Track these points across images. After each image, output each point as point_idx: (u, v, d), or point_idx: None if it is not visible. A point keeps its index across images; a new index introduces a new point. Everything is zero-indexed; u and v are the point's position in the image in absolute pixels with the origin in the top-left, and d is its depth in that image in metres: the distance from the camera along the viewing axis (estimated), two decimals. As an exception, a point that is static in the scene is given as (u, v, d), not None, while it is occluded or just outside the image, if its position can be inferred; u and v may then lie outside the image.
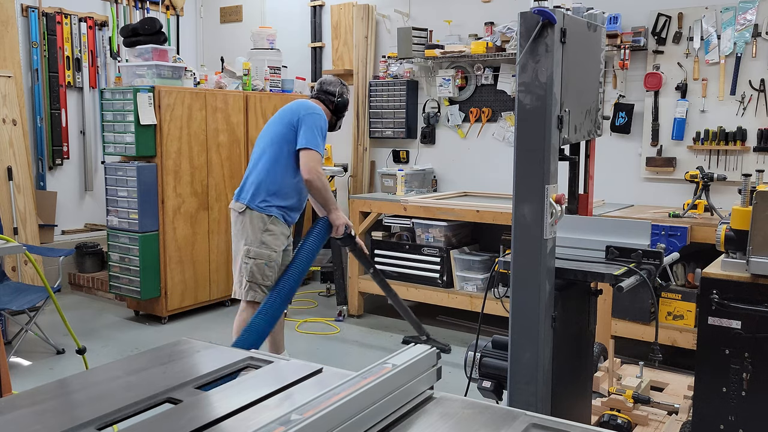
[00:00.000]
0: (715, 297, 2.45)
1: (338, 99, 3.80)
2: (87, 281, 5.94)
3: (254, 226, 3.60)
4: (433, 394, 1.40)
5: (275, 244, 3.62)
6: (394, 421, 1.27)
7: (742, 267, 2.45)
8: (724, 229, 2.57)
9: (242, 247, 3.62)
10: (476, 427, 1.26)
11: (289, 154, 3.57)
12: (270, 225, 3.61)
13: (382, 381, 1.25)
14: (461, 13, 5.46)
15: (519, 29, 2.16)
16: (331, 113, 3.82)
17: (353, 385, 1.22)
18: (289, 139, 3.57)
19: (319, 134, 3.55)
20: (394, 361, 1.35)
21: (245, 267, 3.62)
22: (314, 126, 3.54)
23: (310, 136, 3.51)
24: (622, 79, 4.74)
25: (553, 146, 2.17)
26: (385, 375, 1.27)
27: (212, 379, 1.44)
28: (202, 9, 7.19)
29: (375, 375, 1.28)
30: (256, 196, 3.60)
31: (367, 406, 1.20)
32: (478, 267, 4.88)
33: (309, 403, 1.14)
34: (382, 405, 1.24)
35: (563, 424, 1.24)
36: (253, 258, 3.60)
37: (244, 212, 3.62)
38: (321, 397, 1.17)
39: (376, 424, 1.22)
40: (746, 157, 4.36)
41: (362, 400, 1.19)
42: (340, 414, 1.13)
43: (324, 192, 3.54)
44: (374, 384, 1.23)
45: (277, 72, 5.98)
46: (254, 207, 3.59)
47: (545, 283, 2.19)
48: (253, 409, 1.28)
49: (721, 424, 2.44)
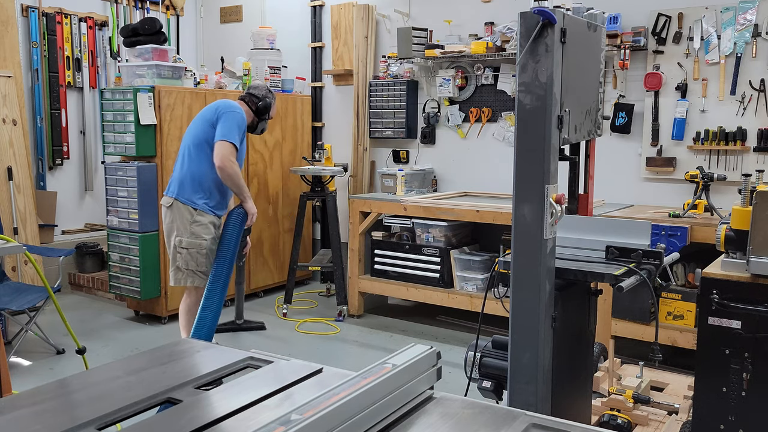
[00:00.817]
0: (715, 297, 2.45)
1: (260, 102, 4.09)
2: (87, 281, 5.94)
3: (183, 218, 3.87)
4: (434, 394, 1.40)
5: (204, 233, 3.90)
6: (394, 421, 1.27)
7: (742, 267, 2.45)
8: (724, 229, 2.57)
9: (174, 239, 3.88)
10: (476, 427, 1.26)
11: (210, 150, 3.83)
12: (197, 216, 3.89)
13: (382, 381, 1.25)
14: (461, 13, 5.46)
15: (519, 29, 2.16)
16: (254, 114, 4.12)
17: (353, 385, 1.22)
18: (209, 136, 3.84)
19: (236, 129, 3.82)
20: (394, 361, 1.35)
21: (180, 257, 3.88)
22: (232, 121, 3.81)
23: (225, 130, 3.79)
24: (622, 79, 4.74)
25: (553, 146, 2.17)
26: (385, 375, 1.28)
27: (212, 379, 1.44)
28: (202, 9, 7.19)
29: (375, 375, 1.28)
30: (182, 190, 3.88)
31: (367, 406, 1.20)
32: (478, 267, 4.88)
33: (309, 403, 1.14)
34: (382, 405, 1.24)
35: (563, 424, 1.24)
36: (185, 248, 3.87)
37: (171, 206, 3.89)
38: (321, 397, 1.17)
39: (376, 424, 1.22)
40: (746, 157, 4.36)
41: (362, 400, 1.19)
42: (340, 414, 1.13)
43: (236, 179, 3.84)
44: (374, 384, 1.23)
45: (277, 72, 5.98)
46: (181, 200, 3.87)
47: (545, 283, 2.19)
48: (253, 409, 1.28)
49: (721, 424, 2.44)
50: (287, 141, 6.04)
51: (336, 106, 6.31)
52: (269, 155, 5.86)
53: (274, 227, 5.97)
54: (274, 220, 5.96)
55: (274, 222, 5.97)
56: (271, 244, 5.95)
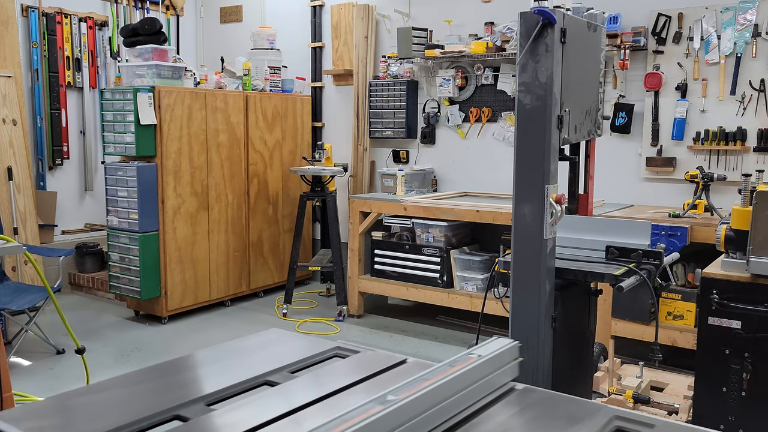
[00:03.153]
0: (715, 297, 2.45)
1: None
2: (87, 281, 5.94)
3: None
4: (516, 385, 1.44)
5: None
6: (478, 410, 1.31)
7: (742, 267, 2.45)
8: (724, 229, 2.57)
9: None
10: (557, 418, 1.28)
11: None
12: None
13: (468, 370, 1.30)
14: (461, 13, 5.45)
15: (519, 29, 2.16)
16: None
17: (441, 373, 1.27)
18: None
19: None
20: (479, 352, 1.40)
21: None
22: None
23: None
24: (622, 79, 4.74)
25: (553, 146, 2.17)
26: (472, 365, 1.32)
27: (304, 366, 1.52)
28: (202, 9, 7.19)
29: (462, 364, 1.32)
30: None
31: (455, 392, 1.25)
32: (478, 267, 4.88)
33: (403, 385, 1.20)
34: (469, 393, 1.29)
35: (645, 417, 1.27)
36: None
37: None
38: (413, 382, 1.22)
39: (462, 411, 1.28)
40: (746, 157, 4.36)
41: (451, 386, 1.24)
42: (431, 398, 1.18)
43: None
44: (462, 372, 1.28)
45: (277, 72, 5.98)
46: None
47: (545, 283, 2.19)
48: (348, 391, 1.36)
49: (721, 424, 2.44)
50: (287, 141, 6.04)
51: (336, 106, 6.31)
52: (269, 155, 5.86)
53: (274, 227, 5.97)
54: (274, 220, 5.96)
55: (274, 222, 5.97)
56: (271, 244, 5.95)
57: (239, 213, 5.62)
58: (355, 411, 1.08)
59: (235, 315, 5.39)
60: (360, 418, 1.04)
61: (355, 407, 1.10)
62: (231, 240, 5.56)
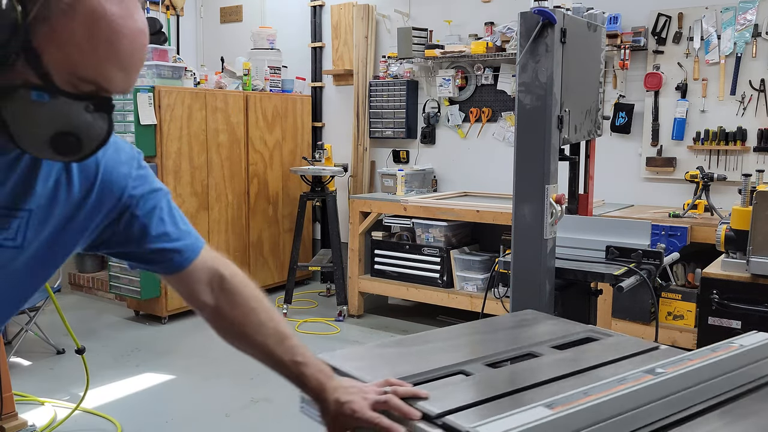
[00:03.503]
0: (715, 297, 2.45)
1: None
2: (87, 281, 5.94)
3: None
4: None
5: None
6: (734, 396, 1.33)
7: (742, 267, 2.45)
8: (724, 229, 2.57)
9: None
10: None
11: None
12: None
13: (730, 357, 1.33)
14: (461, 13, 5.45)
15: (519, 29, 2.16)
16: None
17: (702, 356, 1.32)
18: None
19: None
20: (741, 342, 1.42)
21: None
22: None
23: None
24: (622, 79, 4.74)
25: (553, 146, 2.18)
26: (733, 353, 1.35)
27: (561, 344, 1.60)
28: (202, 9, 7.19)
29: (722, 351, 1.36)
30: None
31: (716, 375, 1.29)
32: (478, 267, 4.88)
33: (669, 362, 1.27)
34: (729, 378, 1.32)
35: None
36: None
37: None
38: (677, 360, 1.29)
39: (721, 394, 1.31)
40: (746, 157, 4.36)
41: (714, 369, 1.29)
42: (694, 377, 1.24)
43: None
44: (722, 358, 1.32)
45: (277, 72, 5.98)
46: None
47: (545, 283, 2.19)
48: (609, 366, 1.42)
49: (721, 424, 2.44)
50: (287, 141, 6.04)
51: (336, 106, 6.31)
52: (269, 155, 5.86)
53: (274, 227, 5.97)
54: (274, 220, 5.96)
55: (274, 222, 5.97)
56: (271, 244, 5.95)
57: (239, 213, 5.62)
58: (629, 376, 1.20)
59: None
60: (635, 382, 1.16)
61: (628, 373, 1.21)
62: (231, 240, 5.56)
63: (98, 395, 3.72)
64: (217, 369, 4.17)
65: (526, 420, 1.04)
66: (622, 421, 1.13)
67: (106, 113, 0.93)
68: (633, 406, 1.14)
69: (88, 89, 0.90)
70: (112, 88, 0.92)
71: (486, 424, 1.05)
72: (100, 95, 0.92)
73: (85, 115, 0.91)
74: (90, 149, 0.94)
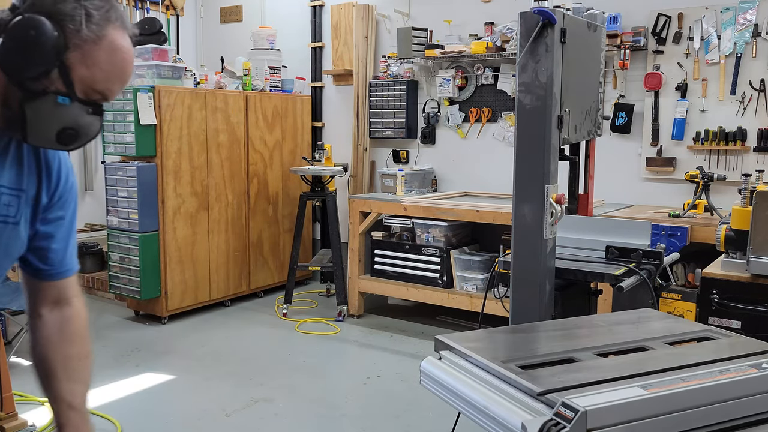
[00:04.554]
0: (715, 297, 2.45)
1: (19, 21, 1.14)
2: (87, 281, 5.93)
3: None
4: None
5: None
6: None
7: (742, 267, 2.45)
8: (724, 229, 2.57)
9: None
10: None
11: None
12: None
13: None
14: (461, 13, 5.45)
15: (519, 29, 2.16)
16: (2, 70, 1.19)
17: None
18: None
19: None
20: None
21: None
22: None
23: None
24: (622, 79, 4.74)
25: (553, 146, 2.18)
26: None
27: (677, 341, 1.64)
28: (202, 9, 7.19)
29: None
30: None
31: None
32: (478, 267, 4.88)
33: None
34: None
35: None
36: None
37: None
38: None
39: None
40: (746, 157, 4.36)
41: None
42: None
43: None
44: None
45: (277, 72, 5.98)
46: None
47: (545, 283, 2.19)
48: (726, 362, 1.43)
49: (721, 424, 2.44)
50: (287, 141, 6.04)
51: (336, 106, 6.31)
52: (269, 155, 5.86)
53: (274, 227, 5.97)
54: (274, 220, 5.96)
55: (274, 222, 5.97)
56: (271, 244, 5.95)
57: (239, 213, 5.62)
58: (732, 368, 1.27)
59: (235, 315, 5.39)
60: (737, 374, 1.23)
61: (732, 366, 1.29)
62: (231, 240, 5.56)
63: (98, 395, 3.72)
64: (217, 369, 4.17)
65: (619, 397, 1.12)
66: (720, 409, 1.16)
67: (100, 116, 1.24)
68: (732, 396, 1.18)
69: (95, 98, 1.21)
70: (111, 98, 1.24)
71: (580, 397, 1.14)
72: (99, 102, 1.23)
73: (87, 116, 1.21)
74: (84, 142, 1.24)
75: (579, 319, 1.92)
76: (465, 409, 1.39)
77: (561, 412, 1.14)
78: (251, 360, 4.35)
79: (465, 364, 1.50)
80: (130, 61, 1.24)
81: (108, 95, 1.23)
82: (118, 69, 1.21)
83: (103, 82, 1.20)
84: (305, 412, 3.63)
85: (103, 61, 1.18)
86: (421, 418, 3.53)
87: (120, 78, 1.23)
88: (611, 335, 1.72)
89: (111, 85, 1.22)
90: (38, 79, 1.15)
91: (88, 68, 1.17)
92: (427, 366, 1.56)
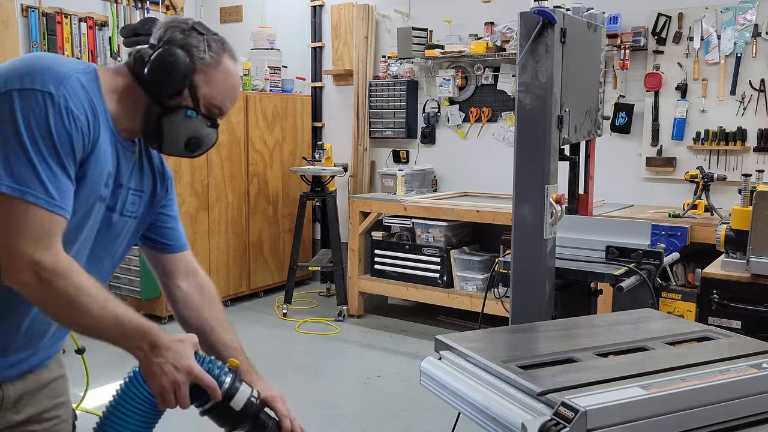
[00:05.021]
0: (715, 297, 2.45)
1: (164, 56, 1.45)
2: (87, 281, 5.93)
3: None
4: None
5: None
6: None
7: (742, 267, 2.45)
8: (724, 229, 2.57)
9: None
10: None
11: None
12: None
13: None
14: (461, 13, 5.45)
15: (519, 29, 2.17)
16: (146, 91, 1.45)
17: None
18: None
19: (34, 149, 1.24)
20: None
21: None
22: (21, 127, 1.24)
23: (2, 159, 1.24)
24: (622, 79, 4.74)
25: (553, 146, 2.18)
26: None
27: (676, 341, 1.64)
28: (202, 9, 7.19)
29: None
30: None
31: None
32: (478, 267, 4.88)
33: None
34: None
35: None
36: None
37: None
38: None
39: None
40: (746, 157, 4.36)
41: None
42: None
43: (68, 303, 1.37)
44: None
45: (277, 72, 5.98)
46: None
47: (545, 283, 2.19)
48: (725, 362, 1.43)
49: (721, 424, 2.44)
50: (287, 141, 6.04)
51: (336, 106, 6.31)
52: (269, 155, 5.86)
53: (274, 227, 5.97)
54: (274, 220, 5.96)
55: (274, 222, 5.97)
56: (271, 244, 5.95)
57: (239, 213, 5.62)
58: (732, 368, 1.27)
59: (235, 315, 5.39)
60: (737, 374, 1.23)
61: (732, 366, 1.28)
62: (231, 240, 5.56)
63: (98, 395, 3.72)
64: (217, 369, 4.17)
65: (619, 397, 1.12)
66: (720, 409, 1.17)
67: (216, 128, 1.50)
68: (732, 396, 1.18)
69: (214, 112, 1.46)
70: (225, 113, 1.49)
71: (580, 397, 1.14)
72: (216, 117, 1.48)
73: (207, 128, 1.47)
74: (204, 150, 1.49)
75: (579, 319, 1.91)
76: (465, 409, 1.39)
77: (561, 412, 1.14)
78: (251, 360, 4.35)
79: (465, 364, 1.50)
80: (239, 83, 1.54)
81: (224, 110, 1.48)
82: (230, 88, 1.48)
83: (219, 98, 1.46)
84: (305, 412, 3.63)
85: (220, 82, 1.45)
86: (421, 418, 3.53)
87: (231, 96, 1.49)
88: (611, 335, 1.73)
89: (226, 102, 1.47)
90: (173, 96, 1.41)
91: (210, 87, 1.44)
92: (427, 366, 1.57)
